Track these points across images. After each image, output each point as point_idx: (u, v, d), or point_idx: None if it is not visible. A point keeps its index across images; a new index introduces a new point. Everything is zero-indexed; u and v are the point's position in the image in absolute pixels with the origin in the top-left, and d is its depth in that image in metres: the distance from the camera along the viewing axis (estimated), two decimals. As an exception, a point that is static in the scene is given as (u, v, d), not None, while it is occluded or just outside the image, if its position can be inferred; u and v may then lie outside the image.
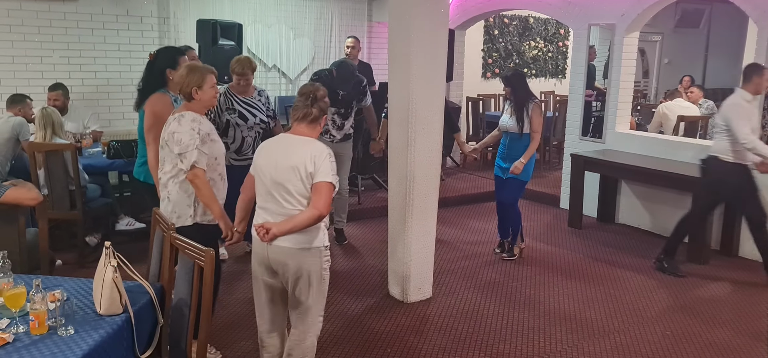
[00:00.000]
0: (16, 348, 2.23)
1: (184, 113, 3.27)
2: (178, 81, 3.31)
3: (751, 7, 5.77)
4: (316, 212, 2.84)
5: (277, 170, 2.90)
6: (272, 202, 2.93)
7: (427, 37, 4.24)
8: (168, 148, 3.28)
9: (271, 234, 2.85)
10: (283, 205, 2.90)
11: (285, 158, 2.90)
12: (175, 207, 3.32)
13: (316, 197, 2.85)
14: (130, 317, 2.49)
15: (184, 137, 3.19)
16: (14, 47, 6.55)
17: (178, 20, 7.42)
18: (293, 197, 2.89)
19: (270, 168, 2.92)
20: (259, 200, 3.02)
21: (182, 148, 3.20)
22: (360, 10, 9.04)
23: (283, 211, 2.90)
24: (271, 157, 2.95)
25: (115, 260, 2.50)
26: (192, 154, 3.19)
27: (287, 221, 2.87)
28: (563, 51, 11.23)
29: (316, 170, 2.86)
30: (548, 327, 4.26)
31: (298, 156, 2.88)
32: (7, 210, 3.68)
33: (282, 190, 2.89)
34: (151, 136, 3.72)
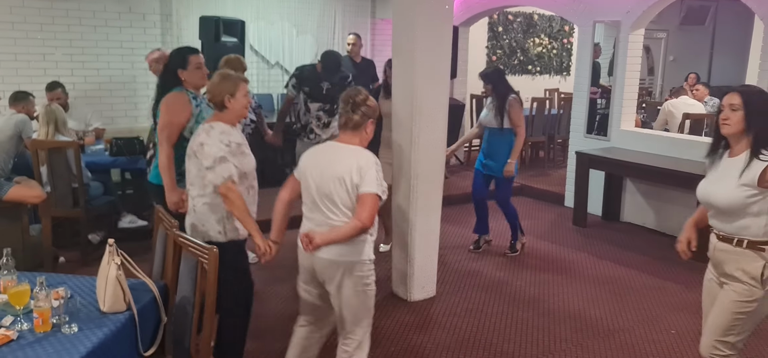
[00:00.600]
0: (21, 346, 2.22)
1: (213, 124, 3.12)
2: (210, 89, 3.17)
3: (757, 4, 5.74)
4: (360, 223, 2.76)
5: (322, 180, 2.84)
6: (317, 212, 2.87)
7: (431, 34, 4.23)
8: (196, 160, 3.14)
9: (314, 244, 2.77)
10: (328, 216, 2.84)
11: (330, 168, 2.84)
12: (202, 221, 3.16)
13: (360, 208, 2.78)
14: (133, 315, 2.49)
15: (212, 150, 3.04)
16: (17, 44, 6.55)
17: (181, 17, 7.42)
18: (338, 208, 2.82)
19: (315, 177, 2.86)
20: (305, 208, 2.96)
21: (212, 161, 3.04)
22: (363, 7, 9.02)
23: (328, 222, 2.83)
24: (317, 166, 2.88)
25: (118, 257, 2.49)
26: (225, 167, 3.03)
27: (330, 231, 2.80)
28: (568, 48, 11.19)
29: (361, 181, 2.78)
30: (552, 326, 4.24)
31: (344, 166, 2.81)
32: (10, 208, 3.69)
33: (327, 200, 2.83)
34: (163, 136, 3.59)
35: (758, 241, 2.64)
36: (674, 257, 5.54)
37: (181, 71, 3.71)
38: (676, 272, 5.27)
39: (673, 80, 10.92)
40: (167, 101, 3.65)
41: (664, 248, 5.87)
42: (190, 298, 2.67)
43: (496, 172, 5.32)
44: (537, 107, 8.73)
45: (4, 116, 5.18)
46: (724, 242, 2.74)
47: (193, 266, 2.66)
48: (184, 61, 3.72)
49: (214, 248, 2.55)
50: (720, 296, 2.80)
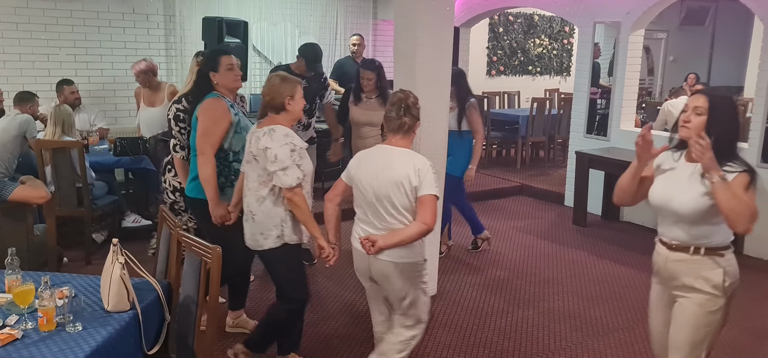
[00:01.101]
0: (25, 345, 2.24)
1: (274, 127, 3.05)
2: (270, 90, 3.10)
3: (756, 5, 5.76)
4: (424, 226, 2.82)
5: (379, 185, 2.86)
6: (375, 216, 2.91)
7: (432, 35, 4.25)
8: (255, 164, 3.09)
9: (377, 247, 2.80)
10: (387, 219, 2.88)
11: (387, 172, 2.86)
12: (260, 227, 3.14)
13: (422, 210, 2.83)
14: (137, 314, 2.51)
15: (279, 153, 2.98)
16: (21, 45, 6.58)
17: (184, 18, 7.45)
18: (398, 210, 2.86)
19: (371, 182, 2.89)
20: (359, 212, 2.99)
21: (279, 165, 2.99)
22: (365, 8, 9.05)
23: (387, 225, 2.88)
24: (372, 171, 2.90)
25: (122, 256, 2.51)
26: (293, 171, 3.00)
27: (394, 234, 2.84)
28: (568, 48, 11.21)
29: (420, 183, 2.82)
30: (553, 325, 4.27)
31: (402, 170, 2.84)
32: (15, 208, 3.71)
33: (387, 203, 2.86)
34: (207, 144, 3.40)
35: (716, 247, 2.51)
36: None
37: (213, 74, 3.52)
38: (675, 271, 5.29)
39: (672, 81, 10.93)
40: (207, 107, 3.45)
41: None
42: (194, 297, 2.70)
43: (451, 171, 5.03)
44: (537, 107, 8.75)
45: (8, 117, 5.21)
46: (679, 252, 2.58)
47: (197, 265, 2.69)
48: (216, 62, 3.53)
49: (218, 248, 2.57)
50: (678, 312, 2.62)
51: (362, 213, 2.98)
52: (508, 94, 10.22)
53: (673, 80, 10.93)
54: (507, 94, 10.21)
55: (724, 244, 2.52)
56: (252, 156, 3.11)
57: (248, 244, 3.26)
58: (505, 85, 10.48)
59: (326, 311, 4.36)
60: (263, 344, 3.40)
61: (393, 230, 2.87)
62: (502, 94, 10.15)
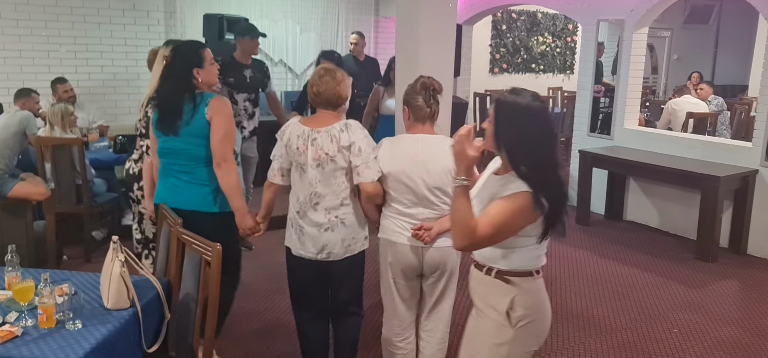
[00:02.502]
0: (25, 342, 2.23)
1: (348, 122, 2.92)
2: (331, 87, 2.89)
3: (761, 4, 5.72)
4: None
5: (430, 176, 2.85)
6: (426, 205, 2.89)
7: (435, 32, 4.22)
8: (333, 165, 2.88)
9: (433, 233, 2.84)
10: (440, 206, 2.89)
11: (435, 162, 2.85)
12: (353, 231, 2.98)
13: None
14: (137, 312, 2.49)
15: (363, 145, 2.85)
16: (21, 41, 6.56)
17: (185, 15, 7.43)
18: (449, 196, 2.86)
19: (420, 174, 2.85)
20: (403, 205, 2.91)
21: (364, 158, 2.86)
22: (367, 5, 9.02)
23: (440, 212, 2.89)
24: (417, 162, 2.86)
25: (122, 254, 2.49)
26: (375, 165, 2.88)
27: (448, 218, 2.74)
28: (571, 46, 11.18)
29: None
30: (555, 325, 4.23)
31: (448, 157, 2.72)
32: (15, 204, 3.70)
33: (439, 192, 2.87)
34: (229, 148, 3.06)
35: (508, 271, 2.20)
36: (677, 256, 5.57)
37: (198, 71, 3.11)
38: (678, 270, 5.27)
39: (676, 79, 10.90)
40: (221, 108, 3.07)
41: (667, 247, 5.87)
42: (194, 295, 2.68)
43: None
44: (540, 106, 8.72)
45: (8, 113, 5.19)
46: (476, 269, 2.33)
47: (196, 263, 2.67)
48: (201, 58, 3.13)
49: (218, 245, 2.55)
50: (470, 324, 2.42)
51: (408, 206, 2.91)
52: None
53: (676, 79, 10.91)
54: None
55: (520, 269, 2.20)
56: (327, 157, 2.87)
57: (327, 254, 2.98)
58: (507, 83, 10.45)
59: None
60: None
61: (445, 216, 2.87)
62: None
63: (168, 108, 3.09)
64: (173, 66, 3.15)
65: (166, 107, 3.10)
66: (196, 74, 3.10)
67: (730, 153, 5.78)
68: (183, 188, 3.15)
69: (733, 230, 5.77)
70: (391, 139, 3.03)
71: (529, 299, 2.22)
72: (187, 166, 3.13)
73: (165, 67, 3.24)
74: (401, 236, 2.93)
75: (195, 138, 3.07)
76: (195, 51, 3.15)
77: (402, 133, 3.11)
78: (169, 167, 3.18)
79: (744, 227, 5.69)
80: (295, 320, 3.30)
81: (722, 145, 5.99)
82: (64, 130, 5.11)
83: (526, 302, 2.21)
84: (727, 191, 5.55)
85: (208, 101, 3.07)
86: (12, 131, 5.05)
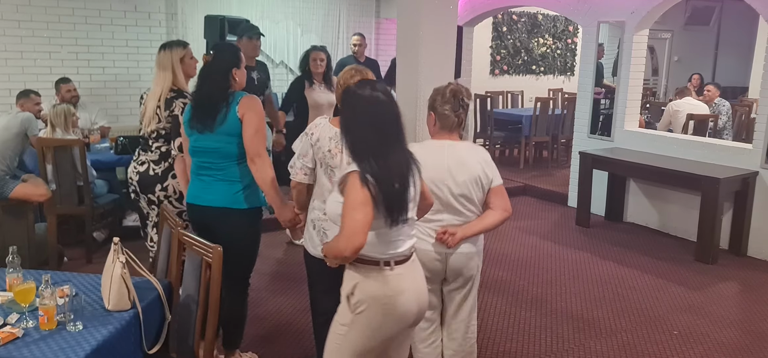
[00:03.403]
0: (26, 343, 2.23)
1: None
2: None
3: (762, 5, 5.72)
4: (507, 213, 2.96)
5: (457, 184, 2.87)
6: (452, 212, 2.91)
7: (435, 34, 4.23)
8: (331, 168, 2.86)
9: (457, 238, 2.86)
10: (465, 213, 2.92)
11: (462, 171, 2.87)
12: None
13: (500, 199, 2.94)
14: (138, 313, 2.50)
15: None
16: (23, 42, 6.58)
17: (186, 16, 7.44)
18: (474, 204, 2.92)
19: (445, 181, 2.86)
20: (428, 212, 2.82)
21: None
22: (368, 7, 9.03)
23: (464, 218, 2.92)
24: (443, 170, 2.86)
25: (123, 255, 2.50)
26: None
27: (474, 224, 2.91)
28: (572, 48, 11.18)
29: (493, 175, 2.93)
30: (555, 326, 4.25)
31: (474, 166, 2.88)
32: (16, 206, 3.71)
33: (464, 200, 2.89)
34: (262, 144, 3.08)
35: (356, 258, 2.24)
36: (677, 258, 5.57)
37: (236, 71, 3.18)
38: (678, 272, 5.27)
39: (677, 81, 10.91)
40: (252, 106, 3.11)
41: (667, 249, 5.87)
42: (195, 296, 2.68)
43: None
44: (541, 107, 8.73)
45: (10, 114, 5.20)
46: None
47: (197, 264, 2.67)
48: (239, 59, 3.21)
49: (219, 247, 2.56)
50: None
51: (432, 213, 2.88)
52: (511, 94, 10.20)
53: (677, 80, 10.91)
54: (510, 94, 10.19)
55: (365, 257, 2.25)
56: (330, 157, 2.85)
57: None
58: (508, 84, 10.46)
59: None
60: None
61: (470, 222, 2.91)
62: (506, 93, 10.13)
63: (206, 106, 3.12)
64: (214, 66, 3.18)
65: (205, 106, 3.13)
66: (234, 74, 3.16)
67: (730, 155, 5.78)
68: (215, 186, 3.16)
69: (734, 231, 5.77)
70: (417, 145, 2.95)
71: (370, 289, 2.27)
72: (220, 164, 3.15)
73: (205, 67, 3.25)
74: (425, 243, 2.91)
75: (228, 136, 3.09)
76: (234, 52, 3.23)
77: (427, 138, 3.07)
78: (203, 166, 3.20)
79: (744, 228, 5.69)
80: (312, 321, 3.27)
81: (723, 147, 5.99)
82: (65, 131, 5.11)
83: (366, 291, 2.27)
84: (727, 193, 5.55)
85: (239, 99, 3.10)
86: (13, 133, 5.06)
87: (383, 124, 2.28)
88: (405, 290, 2.31)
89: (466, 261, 2.97)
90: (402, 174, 2.25)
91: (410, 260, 2.37)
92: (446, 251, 2.92)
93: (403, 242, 2.32)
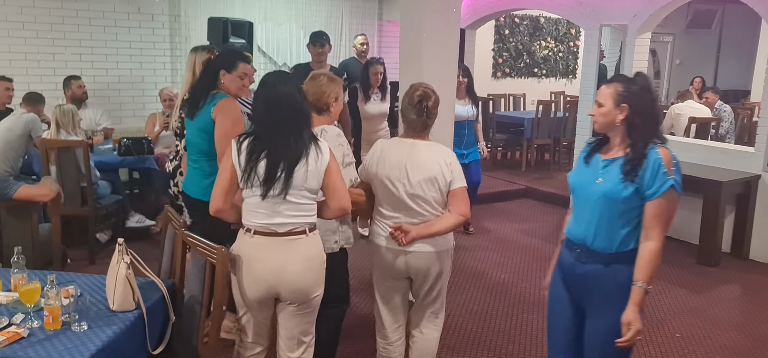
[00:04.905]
0: (31, 343, 2.25)
1: (325, 127, 2.98)
2: (316, 89, 2.99)
3: (764, 9, 5.73)
4: (462, 217, 2.91)
5: (412, 183, 2.86)
6: (407, 212, 2.89)
7: (438, 37, 4.25)
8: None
9: (410, 237, 2.83)
10: (421, 213, 2.89)
11: (418, 170, 2.86)
12: (321, 232, 3.02)
13: (457, 203, 2.89)
14: (142, 314, 2.51)
15: (335, 152, 2.85)
16: (27, 44, 6.60)
17: (189, 18, 7.46)
18: (430, 204, 2.89)
19: (401, 179, 2.86)
20: (385, 209, 2.95)
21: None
22: (370, 9, 9.04)
23: (421, 218, 2.89)
24: (400, 168, 2.87)
25: (128, 256, 2.51)
26: (349, 170, 2.95)
27: (429, 225, 2.87)
28: (574, 51, 11.19)
29: (453, 178, 2.89)
30: (557, 328, 4.25)
31: (433, 166, 2.86)
32: (20, 206, 3.72)
33: (419, 200, 2.87)
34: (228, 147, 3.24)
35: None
36: (679, 261, 5.57)
37: (224, 73, 3.33)
38: (680, 275, 5.27)
39: (679, 84, 10.91)
40: (225, 108, 3.24)
41: (668, 252, 5.84)
42: (198, 297, 2.70)
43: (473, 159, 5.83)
44: (543, 110, 8.73)
45: (14, 115, 5.22)
46: None
47: (201, 265, 2.69)
48: (233, 64, 3.36)
49: (223, 248, 2.57)
50: None
51: (389, 210, 2.94)
52: (513, 97, 10.21)
53: (679, 83, 10.91)
54: (512, 97, 10.20)
55: (244, 222, 2.63)
56: None
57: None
58: (510, 87, 10.47)
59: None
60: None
61: (427, 222, 2.89)
62: (508, 96, 10.14)
63: (192, 97, 3.41)
64: (210, 64, 3.48)
65: (193, 97, 3.41)
66: (222, 76, 3.34)
67: (732, 158, 5.78)
68: (193, 177, 3.44)
69: (736, 234, 5.77)
70: (386, 141, 3.07)
71: (235, 247, 2.63)
72: (195, 157, 3.41)
73: (207, 62, 3.56)
74: (381, 238, 2.97)
75: (200, 131, 3.31)
76: (230, 57, 3.45)
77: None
78: (189, 156, 3.49)
79: (746, 231, 5.69)
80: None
81: (725, 150, 6.00)
82: (69, 132, 5.13)
83: (234, 249, 2.63)
84: (729, 196, 5.55)
85: (217, 101, 3.28)
86: (17, 134, 5.07)
87: (272, 111, 2.56)
88: (261, 259, 2.56)
89: (426, 261, 2.93)
90: (276, 155, 2.51)
91: (280, 237, 2.56)
92: (405, 251, 2.90)
93: (271, 217, 2.55)
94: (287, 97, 2.57)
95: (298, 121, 2.57)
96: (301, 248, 2.59)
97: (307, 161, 2.54)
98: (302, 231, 2.58)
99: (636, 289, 2.36)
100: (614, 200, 2.37)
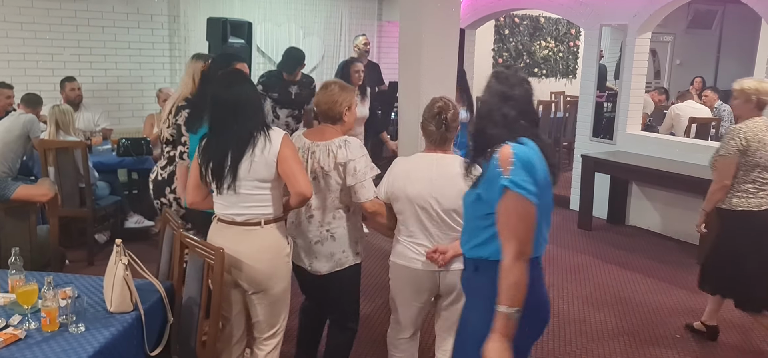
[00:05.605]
0: (28, 345, 2.23)
1: (347, 138, 2.92)
2: (327, 98, 2.93)
3: (764, 9, 5.72)
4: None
5: (447, 198, 2.77)
6: (442, 229, 2.82)
7: (438, 37, 4.23)
8: (328, 180, 2.90)
9: (449, 257, 2.76)
10: (456, 228, 2.79)
11: (449, 185, 2.76)
12: (342, 245, 2.98)
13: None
14: (140, 315, 2.50)
15: (359, 165, 2.85)
16: (25, 44, 6.59)
17: (188, 18, 7.45)
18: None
19: (434, 197, 2.79)
20: (414, 228, 2.85)
21: (359, 177, 2.86)
22: (370, 10, 9.03)
23: (455, 234, 2.79)
24: (431, 185, 2.80)
25: (126, 257, 2.50)
26: (371, 183, 2.89)
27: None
28: (574, 51, 11.18)
29: None
30: (557, 329, 4.24)
31: (461, 180, 2.71)
32: (18, 207, 3.70)
33: (454, 215, 2.79)
34: None
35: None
36: (680, 261, 5.56)
37: None
38: (681, 276, 5.26)
39: (679, 84, 10.90)
40: None
41: (669, 252, 5.86)
42: (197, 299, 2.68)
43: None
44: (543, 110, 8.73)
45: (12, 116, 5.21)
46: None
47: (199, 266, 2.67)
48: (227, 66, 3.35)
49: (221, 250, 2.56)
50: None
51: (418, 229, 2.84)
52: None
53: (679, 84, 10.90)
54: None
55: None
56: (322, 171, 2.89)
57: (318, 268, 3.00)
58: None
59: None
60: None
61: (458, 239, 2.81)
62: (507, 96, 10.12)
63: (195, 110, 3.40)
64: (206, 75, 3.48)
65: (195, 109, 3.42)
66: None
67: (732, 158, 5.76)
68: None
69: (736, 235, 5.75)
70: (406, 159, 2.96)
71: (209, 234, 2.81)
72: None
73: (203, 74, 3.54)
74: (416, 261, 2.86)
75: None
76: (222, 60, 3.45)
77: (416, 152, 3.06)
78: None
79: (747, 232, 5.67)
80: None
81: (725, 150, 5.97)
82: (68, 132, 5.11)
83: (208, 236, 2.81)
84: (729, 197, 5.53)
85: None
86: (15, 134, 5.07)
87: (219, 110, 2.67)
88: (223, 245, 2.63)
89: (458, 277, 2.84)
90: (223, 151, 2.64)
91: (237, 226, 2.68)
92: (437, 270, 2.83)
93: (229, 208, 2.70)
94: (231, 95, 2.65)
95: (242, 116, 2.63)
96: (256, 239, 2.68)
97: (253, 152, 2.61)
98: (257, 222, 2.68)
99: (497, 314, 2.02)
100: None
